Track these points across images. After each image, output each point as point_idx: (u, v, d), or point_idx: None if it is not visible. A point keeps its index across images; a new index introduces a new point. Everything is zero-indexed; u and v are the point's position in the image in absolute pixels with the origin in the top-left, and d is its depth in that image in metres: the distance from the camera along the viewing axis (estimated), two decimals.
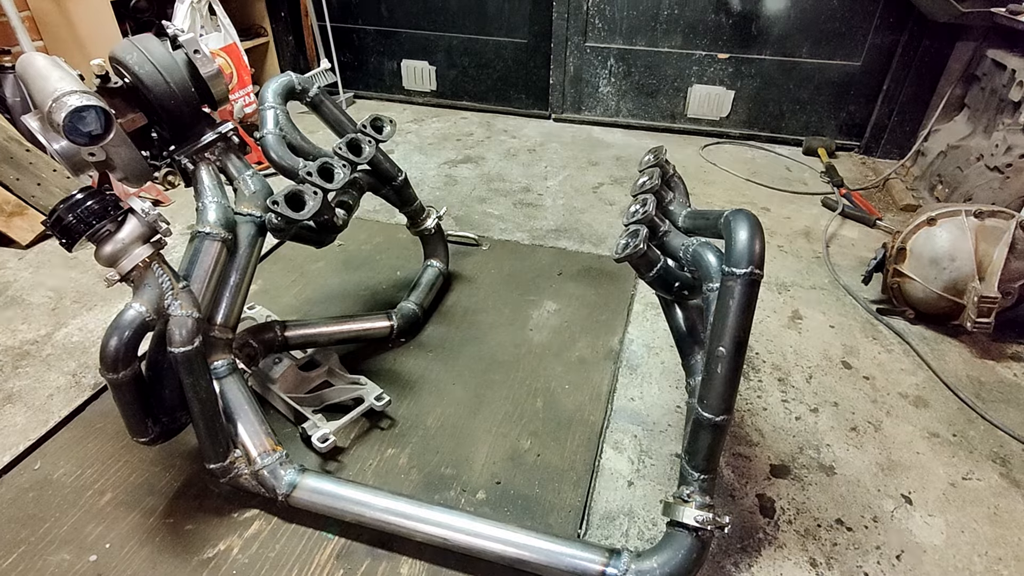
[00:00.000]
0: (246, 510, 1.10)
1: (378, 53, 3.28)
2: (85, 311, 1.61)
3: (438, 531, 0.99)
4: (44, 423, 1.26)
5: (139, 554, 1.02)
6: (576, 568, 0.93)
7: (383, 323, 1.48)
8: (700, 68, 2.83)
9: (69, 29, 2.32)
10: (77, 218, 0.86)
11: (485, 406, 1.34)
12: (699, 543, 0.91)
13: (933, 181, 2.27)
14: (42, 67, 0.93)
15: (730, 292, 0.86)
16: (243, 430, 1.06)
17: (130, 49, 1.01)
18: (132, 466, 1.18)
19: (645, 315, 1.65)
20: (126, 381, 0.93)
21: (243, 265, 1.15)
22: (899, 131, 2.64)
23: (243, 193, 1.17)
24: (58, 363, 1.43)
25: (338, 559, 1.03)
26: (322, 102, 1.43)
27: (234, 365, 1.12)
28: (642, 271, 1.00)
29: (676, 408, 1.35)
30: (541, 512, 1.12)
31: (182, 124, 1.09)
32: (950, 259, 1.49)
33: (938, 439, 1.29)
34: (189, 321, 0.95)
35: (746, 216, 0.89)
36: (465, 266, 1.85)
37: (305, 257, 1.87)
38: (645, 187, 1.09)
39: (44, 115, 0.87)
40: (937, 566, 1.04)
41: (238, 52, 2.55)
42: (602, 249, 1.97)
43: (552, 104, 3.14)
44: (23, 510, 1.09)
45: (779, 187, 2.44)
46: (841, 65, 2.65)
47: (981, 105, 2.22)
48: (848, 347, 1.55)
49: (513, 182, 2.45)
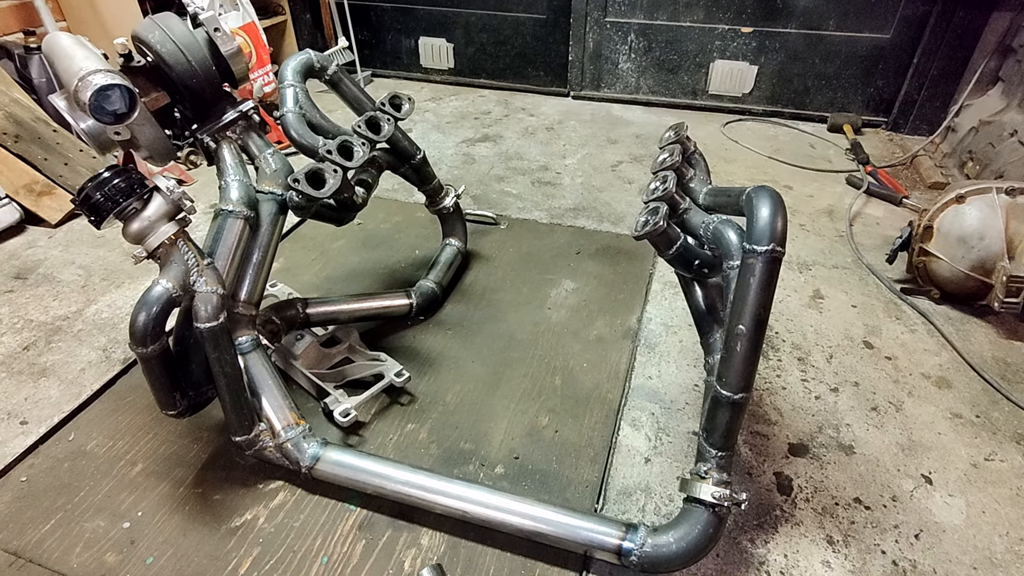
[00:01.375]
0: (271, 481, 1.13)
1: (395, 31, 3.26)
2: (114, 288, 1.65)
3: (457, 504, 1.01)
4: (77, 396, 1.30)
5: (170, 522, 1.06)
6: (593, 541, 0.95)
7: (402, 301, 1.49)
8: (722, 43, 2.77)
9: (91, 9, 2.34)
10: (105, 196, 0.88)
11: (504, 383, 1.36)
12: (715, 519, 0.91)
13: (963, 158, 2.21)
14: (67, 46, 0.94)
15: (751, 269, 0.85)
16: (267, 404, 1.09)
17: (152, 28, 1.02)
18: (162, 438, 1.22)
19: (663, 294, 1.65)
20: (154, 355, 0.96)
21: (265, 242, 1.16)
22: (929, 107, 2.56)
23: (264, 171, 1.19)
24: (89, 338, 1.47)
25: (360, 529, 1.05)
26: (341, 80, 1.43)
27: (258, 341, 1.14)
28: (662, 249, 1.00)
29: (694, 387, 1.35)
30: (559, 487, 1.13)
31: (204, 103, 1.10)
32: (979, 238, 1.46)
33: (961, 420, 1.27)
34: (214, 297, 0.97)
35: (769, 193, 0.88)
36: (483, 245, 1.85)
37: (325, 236, 1.89)
38: (665, 164, 1.08)
39: (70, 94, 0.88)
40: (956, 545, 1.03)
41: (256, 31, 2.55)
42: (621, 228, 1.96)
43: (571, 81, 3.10)
44: (59, 479, 1.13)
45: (802, 165, 2.39)
46: (869, 38, 2.57)
47: (1016, 78, 2.14)
48: (870, 327, 1.53)
49: (531, 161, 2.43)
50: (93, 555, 1.01)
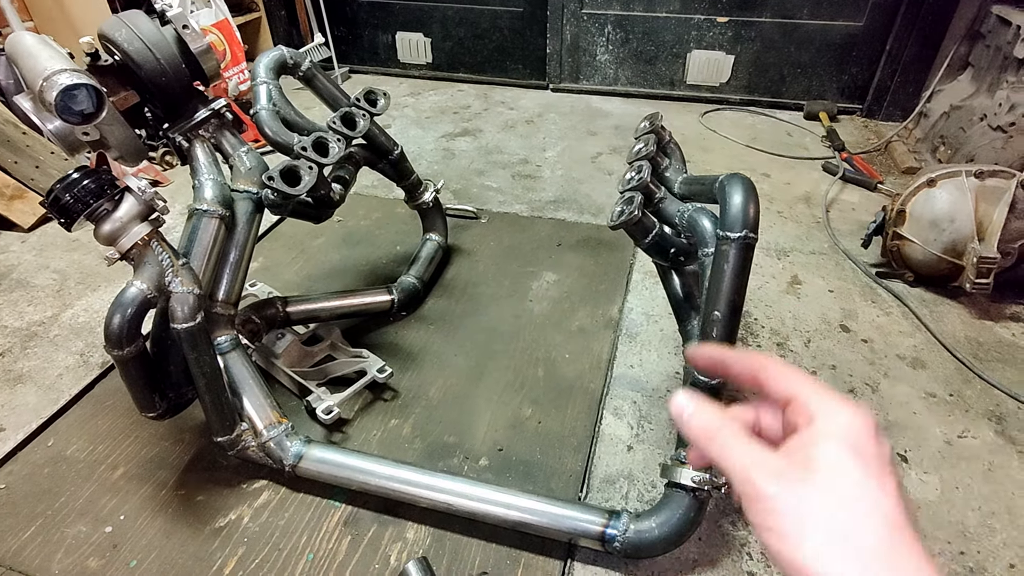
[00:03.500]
0: (255, 481, 1.13)
1: (372, 26, 3.24)
2: (90, 292, 1.63)
3: (442, 497, 1.01)
4: (55, 402, 1.29)
5: (153, 524, 1.06)
6: (577, 529, 0.96)
7: (384, 297, 1.49)
8: (699, 33, 2.78)
9: (59, 8, 2.29)
10: (74, 197, 0.86)
11: (487, 376, 1.36)
12: (696, 503, 0.93)
13: (936, 143, 2.24)
14: (31, 46, 0.92)
15: (725, 256, 0.87)
16: (248, 403, 1.09)
17: (118, 26, 1.00)
18: (142, 441, 1.21)
19: (644, 284, 1.66)
20: (131, 358, 0.95)
21: (242, 241, 1.15)
22: (902, 93, 2.60)
23: (239, 170, 1.18)
24: (65, 343, 1.45)
25: (345, 525, 1.06)
26: (315, 76, 1.42)
27: (237, 341, 1.13)
28: (638, 238, 1.01)
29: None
30: (543, 477, 1.14)
31: (175, 101, 1.09)
32: (949, 220, 1.49)
33: (935, 399, 1.30)
34: (190, 298, 0.96)
35: (740, 180, 0.89)
36: (464, 239, 1.85)
37: (305, 234, 1.88)
38: (640, 154, 1.09)
39: (36, 95, 0.87)
40: (931, 521, 1.06)
41: (230, 28, 2.52)
42: (601, 219, 1.97)
43: (549, 74, 3.10)
44: (39, 485, 1.12)
45: (780, 153, 2.42)
46: (843, 26, 2.60)
47: (985, 63, 2.18)
48: (847, 311, 1.55)
49: (511, 154, 2.43)
50: (75, 560, 1.00)
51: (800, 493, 0.31)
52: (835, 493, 0.30)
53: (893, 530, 0.29)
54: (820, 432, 0.33)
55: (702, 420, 0.37)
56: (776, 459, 0.33)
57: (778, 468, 0.32)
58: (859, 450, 0.31)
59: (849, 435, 0.32)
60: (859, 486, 0.31)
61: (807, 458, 0.32)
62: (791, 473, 0.32)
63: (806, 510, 0.30)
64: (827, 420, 0.33)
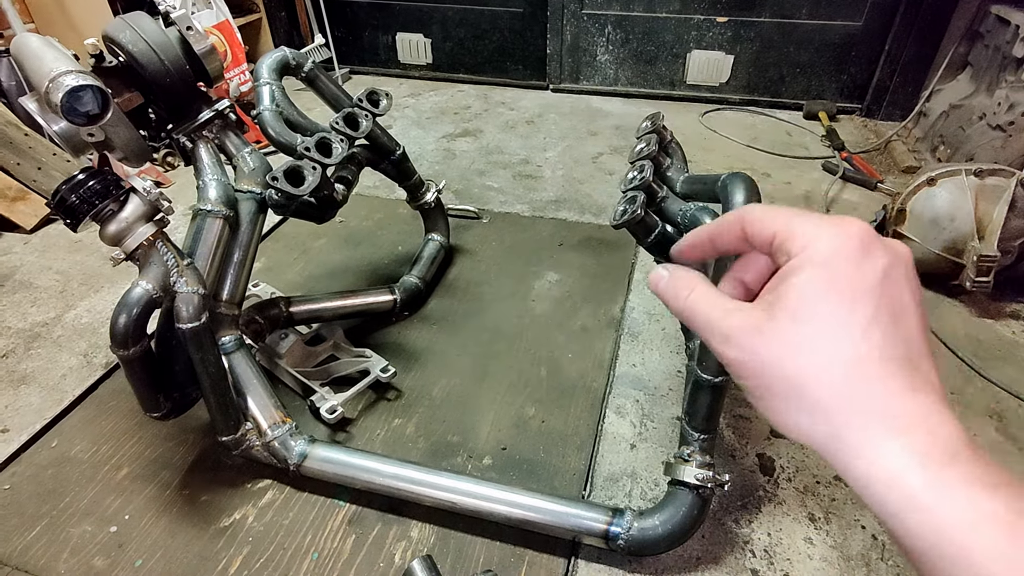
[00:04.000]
0: (259, 480, 1.13)
1: (372, 27, 3.24)
2: (93, 293, 1.63)
3: (446, 495, 1.01)
4: (59, 402, 1.29)
5: (158, 524, 1.06)
6: (581, 527, 0.96)
7: (386, 297, 1.50)
8: (699, 33, 2.79)
9: (60, 10, 2.29)
10: (80, 198, 0.87)
11: (490, 376, 1.36)
12: (700, 500, 0.93)
13: (935, 142, 2.25)
14: (36, 48, 0.93)
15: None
16: (253, 403, 1.09)
17: (123, 27, 1.01)
18: (147, 441, 1.21)
19: (646, 283, 1.67)
20: (136, 357, 0.96)
21: (246, 242, 1.16)
22: (901, 92, 2.61)
23: (242, 170, 1.18)
24: (69, 344, 1.45)
25: (350, 524, 1.06)
26: (317, 77, 1.43)
27: (241, 341, 1.14)
28: (640, 237, 1.01)
29: (677, 373, 1.37)
30: (546, 476, 1.14)
31: (178, 102, 1.09)
32: (949, 219, 1.49)
33: None
34: (195, 298, 0.97)
35: (742, 179, 0.90)
36: (466, 239, 1.86)
37: (307, 234, 1.88)
38: (642, 153, 1.09)
39: (41, 96, 0.87)
40: None
41: (231, 29, 2.52)
42: (602, 219, 1.97)
43: (550, 74, 3.10)
44: (43, 486, 1.12)
45: (780, 152, 2.42)
46: (842, 25, 2.61)
47: (984, 63, 2.19)
48: None
49: (512, 154, 2.44)
50: (80, 560, 1.00)
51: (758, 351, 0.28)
52: (789, 345, 0.27)
53: (854, 377, 0.26)
54: (791, 268, 0.28)
55: (671, 285, 0.33)
56: (735, 317, 0.29)
57: (737, 327, 0.29)
58: (832, 280, 0.27)
59: (822, 263, 0.27)
60: (816, 332, 0.26)
61: (773, 304, 0.28)
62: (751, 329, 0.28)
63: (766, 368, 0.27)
64: (803, 252, 0.28)
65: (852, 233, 0.28)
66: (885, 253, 0.27)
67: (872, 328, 0.26)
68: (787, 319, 0.27)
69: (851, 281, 0.27)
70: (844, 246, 0.27)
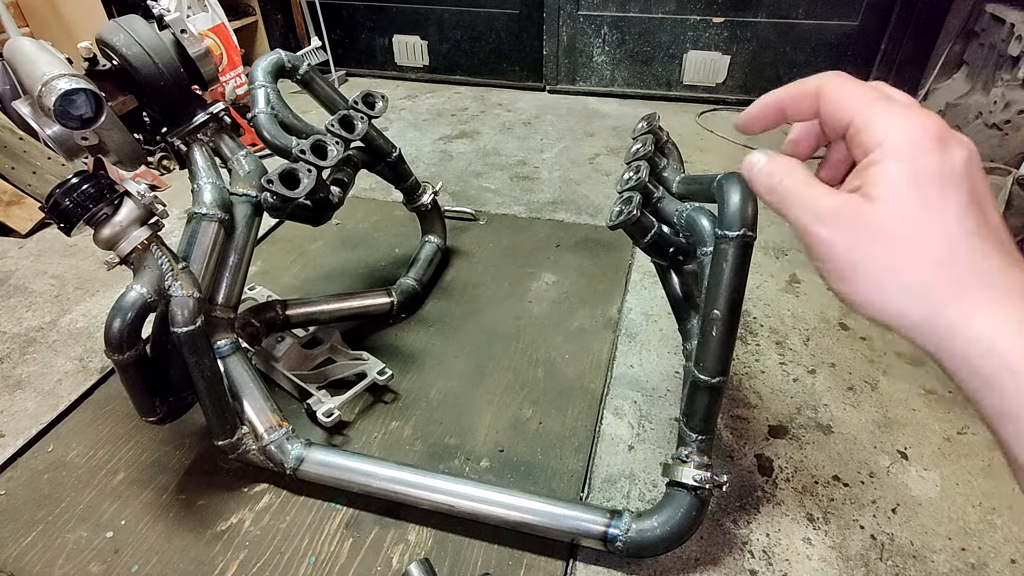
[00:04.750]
0: (256, 484, 1.13)
1: (369, 29, 3.24)
2: (88, 297, 1.63)
3: (444, 498, 1.01)
4: (54, 407, 1.29)
5: (154, 529, 1.05)
6: (579, 529, 0.96)
7: (383, 299, 1.49)
8: (695, 33, 2.79)
9: (55, 13, 2.29)
10: (74, 202, 0.86)
11: (487, 378, 1.36)
12: (698, 501, 0.93)
13: None
14: (29, 51, 0.92)
15: (723, 255, 0.87)
16: (249, 407, 1.08)
17: (117, 31, 1.00)
18: (143, 446, 1.20)
19: (643, 284, 1.66)
20: (132, 362, 0.95)
21: (241, 245, 1.15)
22: None
23: (238, 173, 1.18)
24: (64, 349, 1.45)
25: (347, 528, 1.05)
26: (313, 79, 1.42)
27: (237, 344, 1.13)
28: (636, 238, 1.01)
29: (675, 373, 1.37)
30: (544, 477, 1.14)
31: (173, 105, 1.09)
32: None
33: (934, 396, 1.31)
34: (190, 301, 0.96)
35: (738, 179, 0.89)
36: (463, 241, 1.85)
37: (304, 237, 1.88)
38: (638, 154, 1.09)
39: (34, 100, 0.87)
40: (932, 517, 1.06)
41: (226, 32, 2.52)
42: (599, 220, 1.97)
43: (546, 75, 3.10)
44: (39, 491, 1.12)
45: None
46: (838, 25, 2.61)
47: (980, 61, 2.19)
48: (845, 309, 1.56)
49: (509, 156, 2.44)
50: (76, 566, 0.99)
51: (851, 232, 0.29)
52: (885, 229, 0.28)
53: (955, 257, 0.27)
54: (874, 160, 0.30)
55: (769, 169, 0.35)
56: (831, 199, 0.31)
57: (832, 207, 0.30)
58: (918, 171, 0.28)
59: (905, 156, 0.29)
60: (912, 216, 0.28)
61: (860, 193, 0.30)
62: (846, 211, 0.30)
63: (858, 249, 0.29)
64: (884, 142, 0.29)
65: (928, 126, 0.29)
66: (961, 146, 0.29)
67: (967, 213, 0.28)
68: (882, 203, 0.29)
69: (937, 172, 0.28)
70: (923, 139, 0.29)
